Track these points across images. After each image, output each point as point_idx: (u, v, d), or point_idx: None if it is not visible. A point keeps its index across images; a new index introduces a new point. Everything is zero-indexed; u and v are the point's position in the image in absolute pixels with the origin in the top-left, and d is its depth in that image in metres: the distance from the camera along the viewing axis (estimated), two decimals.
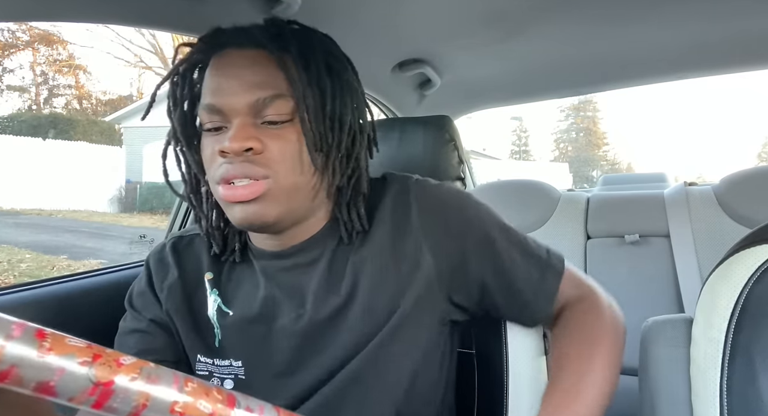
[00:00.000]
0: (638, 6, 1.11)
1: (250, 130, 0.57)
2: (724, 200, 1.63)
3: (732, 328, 0.63)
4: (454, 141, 0.89)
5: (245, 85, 0.57)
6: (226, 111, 0.58)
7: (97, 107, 19.35)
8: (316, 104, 0.59)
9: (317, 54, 0.61)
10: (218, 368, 0.65)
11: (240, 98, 0.57)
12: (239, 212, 0.58)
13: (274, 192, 0.57)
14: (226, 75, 0.58)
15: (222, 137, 0.58)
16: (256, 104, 0.57)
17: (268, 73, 0.58)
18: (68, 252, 6.92)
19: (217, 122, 0.59)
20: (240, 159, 0.56)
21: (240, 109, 0.57)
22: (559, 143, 32.80)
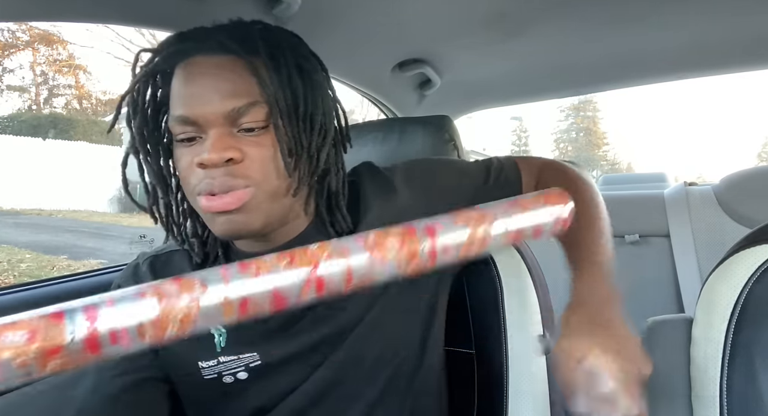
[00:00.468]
0: (638, 6, 1.11)
1: (227, 140, 0.55)
2: (724, 200, 1.63)
3: (732, 328, 0.63)
4: (454, 141, 0.89)
5: (219, 94, 0.55)
6: (201, 122, 0.56)
7: (97, 107, 19.34)
8: (289, 107, 0.58)
9: (287, 55, 0.60)
10: (224, 365, 0.65)
11: (214, 108, 0.55)
12: (223, 223, 0.57)
13: (257, 200, 0.57)
14: (198, 84, 0.56)
15: (198, 147, 0.57)
16: (232, 113, 0.55)
17: (241, 81, 0.56)
18: (68, 252, 6.92)
19: (191, 132, 0.57)
20: (220, 170, 0.55)
21: (215, 119, 0.56)
22: (559, 143, 32.80)
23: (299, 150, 0.59)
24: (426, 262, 0.40)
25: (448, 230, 0.41)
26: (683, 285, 1.57)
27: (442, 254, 0.41)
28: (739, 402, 0.61)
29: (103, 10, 0.77)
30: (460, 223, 0.42)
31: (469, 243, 0.41)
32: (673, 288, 1.60)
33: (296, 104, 0.59)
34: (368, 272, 0.39)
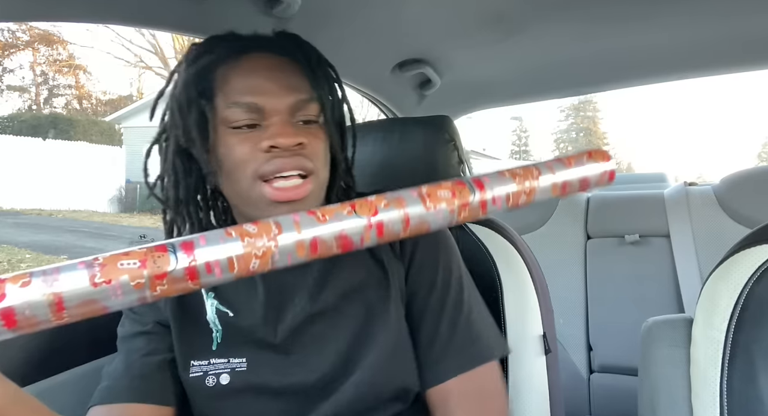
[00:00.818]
0: (638, 6, 1.11)
1: (292, 127, 0.61)
2: (724, 200, 1.63)
3: (732, 328, 0.63)
4: (454, 141, 0.89)
5: (283, 87, 0.61)
6: (267, 110, 0.61)
7: (97, 107, 19.35)
8: (332, 106, 0.66)
9: (323, 64, 0.67)
10: (213, 366, 0.65)
11: (282, 99, 0.61)
12: (286, 212, 0.59)
13: (315, 190, 0.62)
14: (263, 77, 0.62)
15: (259, 134, 0.60)
16: (295, 105, 0.61)
17: (299, 79, 0.63)
18: (68, 252, 6.92)
19: (254, 119, 0.61)
20: (289, 153, 0.59)
21: (281, 108, 0.61)
22: (559, 143, 32.81)
23: (338, 146, 0.66)
24: (477, 211, 0.44)
25: (496, 183, 0.45)
26: (683, 285, 1.57)
27: (491, 204, 0.44)
28: (739, 402, 0.61)
29: (103, 10, 0.76)
30: (507, 176, 0.45)
31: (517, 194, 0.45)
32: (673, 288, 1.60)
33: (333, 106, 0.66)
34: (424, 220, 0.43)
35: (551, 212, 1.82)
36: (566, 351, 1.65)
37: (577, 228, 1.78)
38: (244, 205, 0.63)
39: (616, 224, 1.74)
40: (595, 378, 1.64)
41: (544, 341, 0.80)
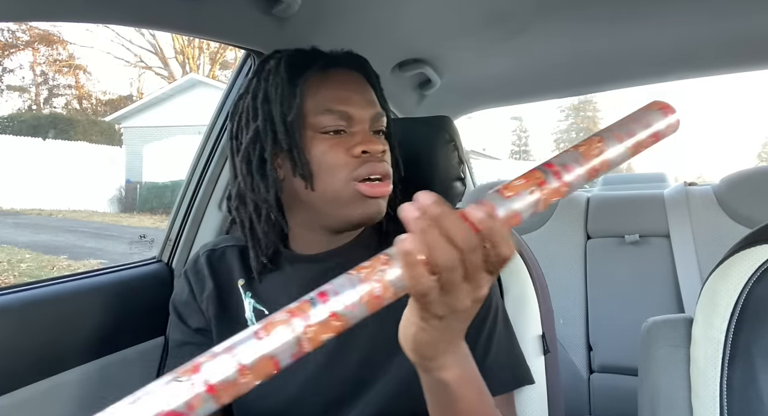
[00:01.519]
0: (638, 6, 1.11)
1: (374, 136, 0.68)
2: (724, 200, 1.63)
3: (732, 328, 0.63)
4: (454, 141, 0.89)
5: (367, 100, 0.69)
6: (356, 119, 0.67)
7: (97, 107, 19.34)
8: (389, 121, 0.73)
9: (378, 82, 0.74)
10: None
11: (367, 110, 0.68)
12: (374, 205, 0.67)
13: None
14: (351, 89, 0.68)
15: (348, 139, 0.66)
16: (374, 117, 0.69)
17: (372, 94, 0.71)
18: (68, 252, 6.92)
19: (342, 126, 0.67)
20: (377, 159, 0.66)
21: (366, 119, 0.68)
22: (559, 143, 32.79)
23: (397, 155, 0.74)
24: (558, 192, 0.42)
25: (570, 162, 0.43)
26: (683, 285, 1.57)
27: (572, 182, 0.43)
28: (739, 402, 0.61)
29: (103, 10, 0.76)
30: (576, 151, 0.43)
31: (592, 169, 0.43)
32: (673, 288, 1.60)
33: (387, 120, 0.72)
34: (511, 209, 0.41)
35: (551, 212, 1.82)
36: (566, 351, 1.65)
37: (577, 228, 1.78)
38: (331, 204, 0.66)
39: (616, 224, 1.74)
40: (595, 378, 1.64)
41: (543, 341, 0.80)
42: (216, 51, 17.98)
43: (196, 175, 1.17)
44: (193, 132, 9.98)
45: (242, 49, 1.07)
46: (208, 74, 17.58)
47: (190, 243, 1.17)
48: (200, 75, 16.03)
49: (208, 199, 1.17)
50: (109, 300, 0.95)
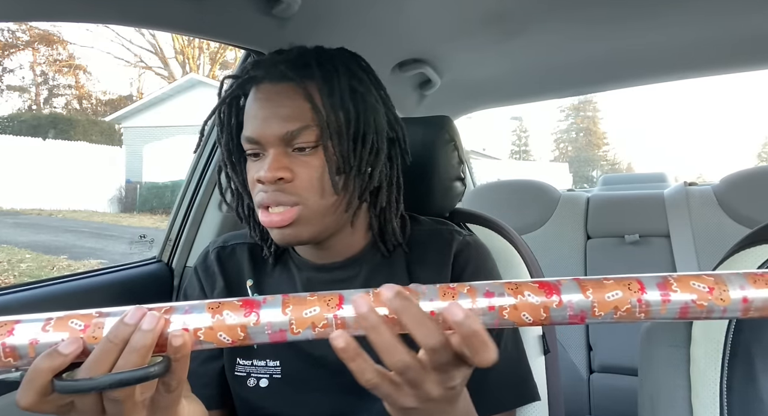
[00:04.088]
0: (638, 6, 1.11)
1: (282, 160, 0.62)
2: (724, 200, 1.63)
3: (732, 328, 0.63)
4: (454, 141, 0.89)
5: (277, 118, 0.62)
6: (263, 142, 0.63)
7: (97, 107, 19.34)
8: (340, 128, 0.63)
9: (341, 78, 0.65)
10: (256, 368, 0.68)
11: (273, 131, 0.62)
12: (277, 234, 0.64)
13: (306, 216, 0.63)
14: (261, 108, 0.64)
15: (260, 164, 0.64)
16: (286, 136, 0.62)
17: (296, 106, 0.62)
18: (68, 252, 6.92)
19: (256, 149, 0.64)
20: (273, 187, 0.62)
21: (273, 140, 0.62)
22: (559, 143, 32.81)
23: (347, 168, 0.64)
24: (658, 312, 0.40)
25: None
26: None
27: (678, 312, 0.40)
28: (739, 402, 0.61)
29: (103, 10, 0.76)
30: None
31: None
32: None
33: (347, 125, 0.64)
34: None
35: (551, 212, 1.82)
36: (566, 351, 1.65)
37: (577, 228, 1.78)
38: None
39: (616, 224, 1.74)
40: (595, 378, 1.64)
41: (543, 341, 0.80)
42: (216, 51, 17.99)
43: (196, 175, 1.17)
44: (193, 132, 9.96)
45: (242, 49, 1.07)
46: (208, 74, 17.58)
47: (190, 243, 1.17)
48: (200, 75, 16.04)
49: (208, 199, 1.17)
50: (109, 300, 0.95)
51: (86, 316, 0.39)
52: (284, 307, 0.40)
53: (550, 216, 1.81)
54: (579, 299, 0.39)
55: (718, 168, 37.94)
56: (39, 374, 0.37)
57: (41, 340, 0.38)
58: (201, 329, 0.39)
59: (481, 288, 0.40)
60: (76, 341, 0.38)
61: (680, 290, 0.38)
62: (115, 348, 0.38)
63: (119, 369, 0.38)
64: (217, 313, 0.40)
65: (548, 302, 0.39)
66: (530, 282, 0.40)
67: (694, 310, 0.38)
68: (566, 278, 0.40)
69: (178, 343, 0.38)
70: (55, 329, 0.38)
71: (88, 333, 0.39)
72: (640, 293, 0.38)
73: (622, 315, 0.38)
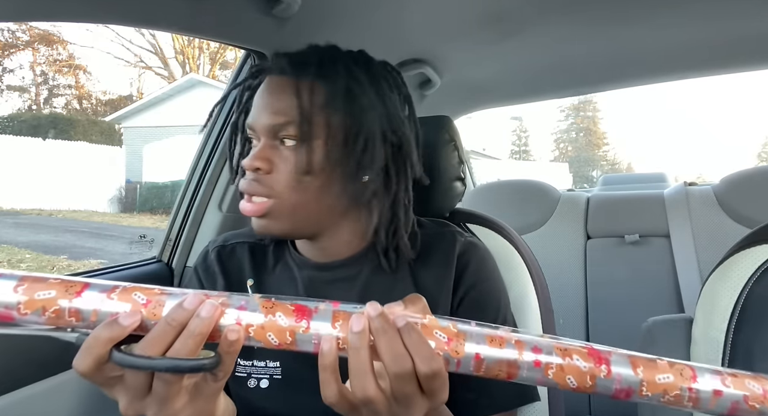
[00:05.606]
0: (638, 6, 1.11)
1: (266, 151, 0.63)
2: (724, 200, 1.63)
3: (732, 328, 0.63)
4: (454, 141, 0.89)
5: (268, 109, 0.64)
6: (256, 130, 0.65)
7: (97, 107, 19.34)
8: (329, 129, 0.63)
9: (338, 79, 0.64)
10: (256, 369, 0.68)
11: (263, 121, 0.64)
12: (253, 223, 0.65)
13: (277, 211, 0.63)
14: (259, 98, 0.66)
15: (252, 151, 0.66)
16: (273, 128, 0.63)
17: (286, 100, 0.63)
18: (68, 252, 6.91)
19: (252, 136, 0.67)
20: (251, 176, 0.63)
21: (263, 130, 0.64)
22: (559, 143, 32.80)
23: (328, 169, 0.63)
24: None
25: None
26: (683, 285, 1.57)
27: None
28: None
29: (103, 10, 0.76)
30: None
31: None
32: (673, 288, 1.60)
33: (337, 126, 0.63)
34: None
35: (551, 212, 1.82)
36: None
37: (577, 228, 1.78)
38: None
39: (616, 224, 1.74)
40: None
41: None
42: (216, 51, 17.99)
43: (196, 175, 1.17)
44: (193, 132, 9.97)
45: (242, 49, 1.07)
46: (208, 74, 17.58)
47: (190, 243, 1.17)
48: (200, 75, 16.04)
49: (208, 199, 1.17)
50: None
51: (149, 291, 0.41)
52: (334, 321, 0.41)
53: (550, 216, 1.81)
54: (628, 375, 0.38)
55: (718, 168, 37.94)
56: (98, 342, 0.38)
57: (103, 308, 0.39)
58: (253, 326, 0.40)
59: (530, 343, 0.40)
60: (136, 314, 0.39)
61: (733, 387, 0.38)
62: (173, 330, 0.39)
63: (174, 351, 0.39)
64: (270, 313, 0.40)
65: (596, 370, 0.39)
66: (580, 347, 0.40)
67: (743, 409, 0.38)
68: (619, 351, 0.40)
69: (233, 338, 0.39)
70: (119, 298, 0.40)
71: (149, 308, 0.40)
72: (692, 381, 0.38)
73: (669, 399, 0.38)
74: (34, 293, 0.39)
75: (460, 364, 0.40)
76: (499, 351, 0.39)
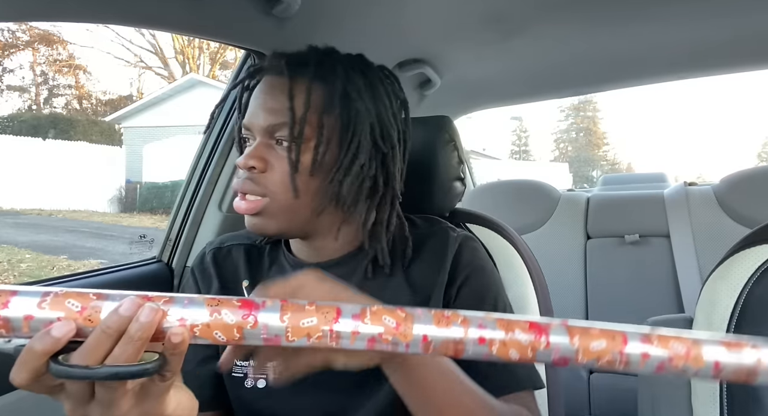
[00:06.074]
0: (638, 7, 1.11)
1: (262, 149, 0.64)
2: (724, 200, 1.63)
3: (732, 328, 0.63)
4: (454, 141, 0.89)
5: (264, 109, 0.65)
6: (252, 130, 0.66)
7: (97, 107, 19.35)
8: (323, 130, 0.64)
9: (336, 82, 0.65)
10: (253, 369, 0.68)
11: (258, 121, 0.65)
12: (247, 220, 0.66)
13: (272, 210, 0.64)
14: (255, 98, 0.67)
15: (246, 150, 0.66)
16: (269, 128, 0.64)
17: (283, 101, 0.63)
18: (68, 252, 6.91)
19: (248, 135, 0.68)
20: (246, 175, 0.64)
21: (258, 130, 0.65)
22: (559, 143, 32.80)
23: (321, 170, 0.64)
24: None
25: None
26: (683, 285, 1.57)
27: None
28: (739, 402, 0.61)
29: (103, 10, 0.76)
30: None
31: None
32: (673, 288, 1.60)
33: (330, 129, 0.64)
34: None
35: (551, 212, 1.82)
36: None
37: (577, 228, 1.78)
38: None
39: (616, 224, 1.74)
40: (595, 378, 1.64)
41: None
42: (216, 51, 17.99)
43: (196, 175, 1.17)
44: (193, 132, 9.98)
45: (242, 49, 1.07)
46: (208, 74, 17.58)
47: (190, 243, 1.17)
48: (200, 75, 16.04)
49: (208, 199, 1.17)
50: None
51: (84, 296, 0.39)
52: (282, 313, 0.40)
53: (550, 216, 1.81)
54: (565, 344, 0.39)
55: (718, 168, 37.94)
56: (33, 355, 0.37)
57: (36, 316, 0.38)
58: (198, 325, 0.39)
59: (475, 320, 0.40)
60: (69, 324, 0.37)
61: (659, 348, 0.39)
62: (110, 338, 0.37)
63: (114, 358, 0.37)
64: (215, 311, 0.39)
65: (536, 343, 0.40)
66: (522, 321, 0.41)
67: (668, 368, 0.40)
68: (555, 321, 0.41)
69: (177, 340, 0.38)
70: (51, 307, 0.38)
71: (84, 315, 0.38)
72: (623, 345, 0.39)
73: (603, 364, 0.40)
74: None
75: (408, 346, 0.40)
76: (446, 331, 0.40)
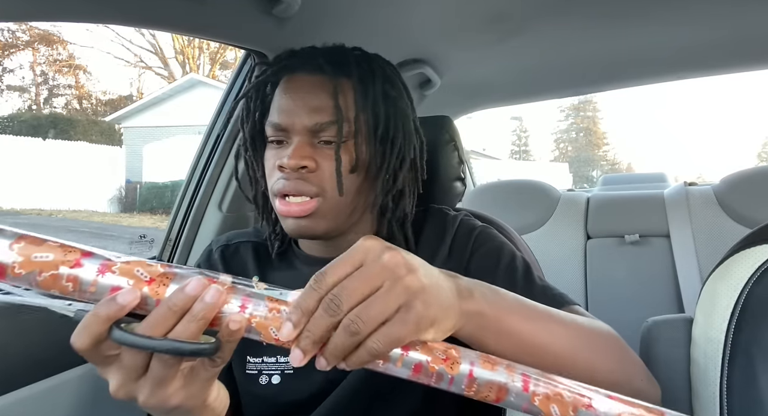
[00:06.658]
0: (638, 6, 1.11)
1: (306, 149, 0.63)
2: (724, 200, 1.63)
3: (732, 328, 0.63)
4: (454, 141, 0.89)
5: (307, 109, 0.63)
6: (289, 130, 0.64)
7: (97, 107, 19.35)
8: (368, 128, 0.66)
9: (376, 81, 0.67)
10: (267, 365, 0.68)
11: (301, 120, 0.63)
12: (292, 224, 0.65)
13: (324, 209, 0.64)
14: (293, 97, 0.65)
15: (282, 151, 0.65)
16: (315, 127, 0.63)
17: (327, 100, 0.63)
18: None
19: (280, 136, 0.65)
20: (295, 176, 0.62)
21: (300, 130, 0.64)
22: (559, 143, 32.82)
23: (374, 168, 0.66)
24: None
25: None
26: (683, 285, 1.57)
27: None
28: (739, 402, 0.61)
29: (103, 10, 0.76)
30: None
31: None
32: (673, 288, 1.60)
33: (376, 125, 0.66)
34: None
35: (551, 212, 1.82)
36: None
37: (577, 228, 1.78)
38: None
39: (616, 224, 1.74)
40: None
41: None
42: (216, 51, 18.00)
43: (196, 175, 1.17)
44: (193, 132, 9.99)
45: (242, 49, 1.07)
46: (208, 74, 17.59)
47: (190, 243, 1.17)
48: (200, 75, 16.05)
49: (208, 199, 1.17)
50: None
51: (152, 268, 0.39)
52: None
53: (550, 216, 1.81)
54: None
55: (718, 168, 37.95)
56: (97, 319, 0.37)
57: (104, 281, 0.38)
58: (256, 317, 0.39)
59: (520, 369, 0.41)
60: (135, 292, 0.38)
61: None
62: (175, 315, 0.38)
63: (176, 334, 0.38)
64: (274, 309, 0.40)
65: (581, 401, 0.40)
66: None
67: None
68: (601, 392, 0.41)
69: (234, 328, 0.38)
70: (121, 273, 0.38)
71: (151, 287, 0.39)
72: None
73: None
74: (31, 254, 0.38)
75: (453, 381, 0.40)
76: (491, 373, 0.40)
